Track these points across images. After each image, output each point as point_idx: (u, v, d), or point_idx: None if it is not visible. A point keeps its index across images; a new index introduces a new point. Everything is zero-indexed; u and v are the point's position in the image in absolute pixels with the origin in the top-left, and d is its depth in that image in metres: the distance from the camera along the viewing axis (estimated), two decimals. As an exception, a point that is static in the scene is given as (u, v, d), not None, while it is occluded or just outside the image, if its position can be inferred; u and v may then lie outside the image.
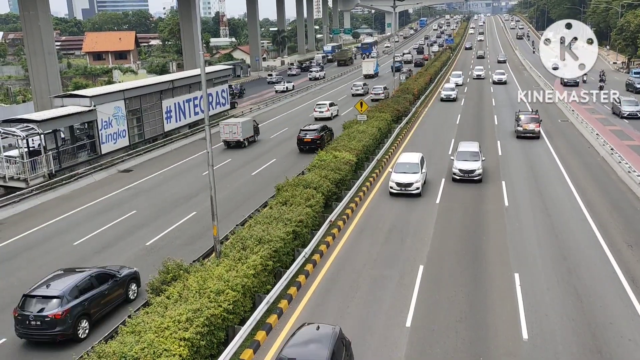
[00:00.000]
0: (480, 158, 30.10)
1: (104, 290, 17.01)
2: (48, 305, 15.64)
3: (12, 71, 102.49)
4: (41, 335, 15.65)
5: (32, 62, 51.02)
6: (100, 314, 16.84)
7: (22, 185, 31.24)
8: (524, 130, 39.49)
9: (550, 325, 15.84)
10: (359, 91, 64.72)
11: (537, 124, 39.57)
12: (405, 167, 27.98)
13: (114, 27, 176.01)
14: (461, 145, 31.53)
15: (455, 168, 29.51)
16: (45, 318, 15.46)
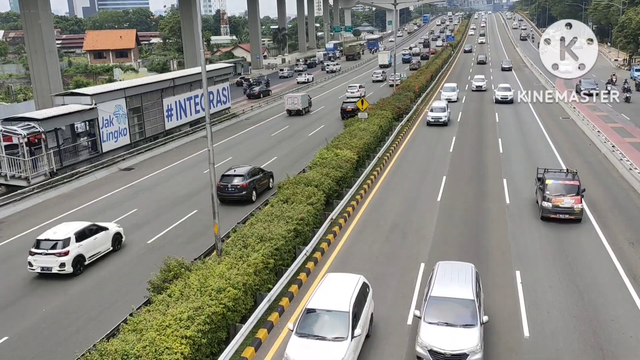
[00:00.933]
0: None
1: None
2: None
3: (13, 69, 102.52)
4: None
5: (32, 61, 51.05)
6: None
7: (24, 183, 31.26)
8: (555, 207, 22.83)
9: (552, 322, 15.84)
10: (379, 78, 76.84)
11: (578, 197, 22.82)
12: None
13: (114, 26, 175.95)
14: None
15: None
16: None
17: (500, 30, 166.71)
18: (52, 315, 17.89)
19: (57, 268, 20.10)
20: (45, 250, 20.15)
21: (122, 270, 21.01)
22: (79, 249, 20.56)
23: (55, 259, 20.02)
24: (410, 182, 29.94)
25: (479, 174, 31.07)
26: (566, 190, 23.14)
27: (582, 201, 22.97)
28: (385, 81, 73.54)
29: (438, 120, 43.94)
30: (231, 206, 27.07)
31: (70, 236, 20.51)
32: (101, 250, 21.84)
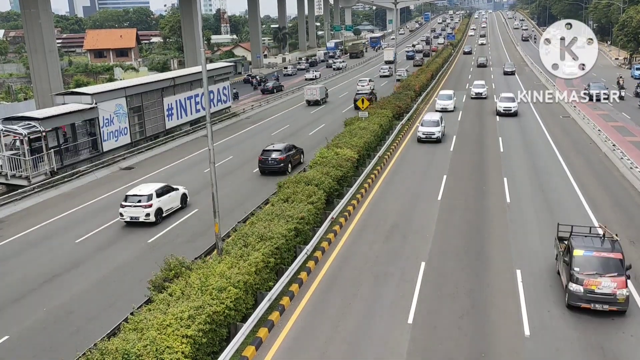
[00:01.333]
0: None
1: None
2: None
3: (13, 69, 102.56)
4: None
5: (33, 60, 51.05)
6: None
7: (24, 183, 31.27)
8: (589, 293, 15.99)
9: (552, 321, 15.84)
10: (386, 73, 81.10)
11: (622, 278, 15.98)
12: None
13: (115, 25, 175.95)
14: None
15: None
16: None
17: (501, 30, 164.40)
18: (52, 315, 17.91)
19: (143, 217, 24.83)
20: (133, 203, 24.89)
21: (122, 270, 21.02)
22: (158, 203, 25.29)
23: (142, 210, 24.79)
24: (410, 181, 29.94)
25: (479, 172, 31.06)
26: (604, 267, 16.22)
27: (627, 284, 15.96)
28: (392, 76, 77.11)
29: (430, 136, 37.98)
30: (270, 176, 31.66)
31: (152, 193, 25.18)
32: (173, 207, 26.50)
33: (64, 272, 21.04)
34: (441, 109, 48.04)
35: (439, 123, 38.85)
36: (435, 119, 39.35)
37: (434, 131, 38.23)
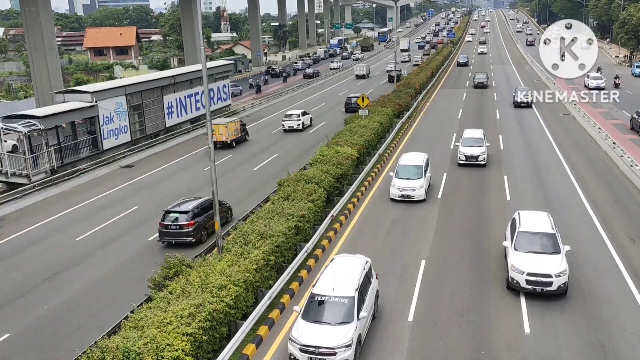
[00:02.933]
0: None
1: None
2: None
3: (13, 67, 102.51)
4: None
5: (33, 58, 51.02)
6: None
7: (25, 181, 31.28)
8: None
9: (552, 319, 15.84)
10: (406, 58, 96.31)
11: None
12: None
13: (114, 23, 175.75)
14: None
15: None
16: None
17: (503, 32, 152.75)
18: (53, 313, 17.93)
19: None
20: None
21: (123, 268, 21.03)
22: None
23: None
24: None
25: (479, 170, 31.03)
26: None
27: None
28: (410, 61, 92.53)
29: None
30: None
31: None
32: None
33: (65, 270, 21.06)
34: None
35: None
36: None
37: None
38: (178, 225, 22.13)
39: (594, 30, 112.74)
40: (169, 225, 22.27)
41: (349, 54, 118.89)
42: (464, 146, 31.63)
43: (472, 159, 31.07)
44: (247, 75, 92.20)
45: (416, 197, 25.61)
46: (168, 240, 22.47)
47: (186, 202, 23.63)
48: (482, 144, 31.76)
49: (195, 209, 22.79)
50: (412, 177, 26.03)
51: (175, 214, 22.51)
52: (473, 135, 32.72)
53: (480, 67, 79.33)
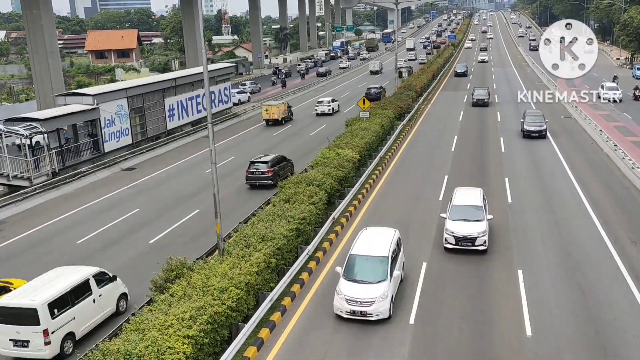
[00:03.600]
0: None
1: None
2: None
3: (15, 70, 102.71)
4: None
5: (34, 61, 51.08)
6: None
7: (26, 183, 31.30)
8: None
9: (554, 321, 15.82)
10: (412, 57, 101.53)
11: None
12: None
13: (116, 26, 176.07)
14: None
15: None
16: None
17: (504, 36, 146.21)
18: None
19: None
20: None
21: (124, 270, 21.01)
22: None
23: None
24: (412, 181, 29.93)
25: (480, 173, 31.04)
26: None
27: None
28: (416, 59, 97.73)
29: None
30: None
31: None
32: None
33: (66, 273, 21.03)
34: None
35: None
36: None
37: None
38: (260, 171, 29.50)
39: (595, 33, 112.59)
40: (254, 171, 29.70)
41: (355, 55, 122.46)
42: (454, 220, 20.44)
43: (466, 243, 20.21)
44: (248, 77, 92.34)
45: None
46: (252, 183, 29.99)
47: (264, 156, 31.32)
48: (482, 215, 20.41)
49: (272, 160, 30.28)
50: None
51: (258, 163, 29.89)
52: (467, 201, 21.24)
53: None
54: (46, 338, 14.70)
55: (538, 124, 38.48)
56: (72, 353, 15.35)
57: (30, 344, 14.78)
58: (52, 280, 15.93)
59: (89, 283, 16.42)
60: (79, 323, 15.82)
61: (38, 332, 14.66)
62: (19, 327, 14.74)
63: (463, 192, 22.49)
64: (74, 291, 15.79)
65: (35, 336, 14.69)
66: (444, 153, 35.47)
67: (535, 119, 38.94)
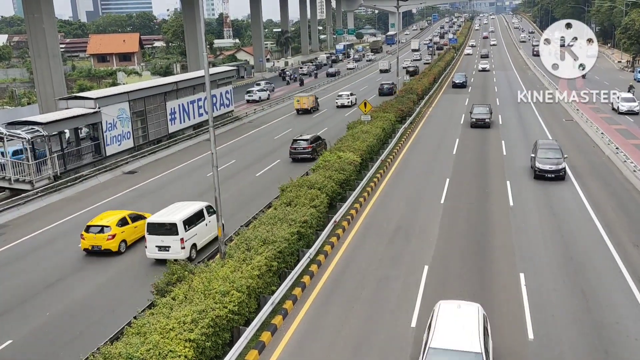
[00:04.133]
0: None
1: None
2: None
3: (16, 74, 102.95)
4: None
5: (36, 65, 51.27)
6: None
7: (28, 187, 31.33)
8: None
9: (556, 325, 15.78)
10: (417, 57, 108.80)
11: None
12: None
13: (118, 29, 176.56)
14: None
15: None
16: None
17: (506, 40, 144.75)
18: (55, 319, 17.92)
19: None
20: None
21: (126, 274, 21.04)
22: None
23: None
24: (413, 185, 29.92)
25: (482, 176, 31.02)
26: None
27: None
28: (421, 59, 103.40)
29: None
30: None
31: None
32: None
33: (67, 276, 21.06)
34: None
35: None
36: None
37: None
38: (302, 147, 36.20)
39: (596, 36, 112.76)
40: (296, 147, 36.42)
41: (360, 57, 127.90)
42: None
43: None
44: (251, 81, 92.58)
45: None
46: (295, 157, 36.39)
47: (304, 135, 38.42)
48: (478, 346, 12.49)
49: (310, 138, 36.95)
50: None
51: (300, 141, 36.61)
52: (455, 341, 12.72)
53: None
54: (182, 244, 20.79)
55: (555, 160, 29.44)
56: (195, 258, 21.18)
57: (171, 249, 20.83)
58: (178, 209, 22.06)
59: (203, 212, 22.49)
60: (199, 238, 21.96)
61: (177, 240, 20.69)
62: (163, 237, 20.86)
63: (448, 317, 13.60)
64: (196, 215, 21.93)
65: (175, 243, 20.73)
66: (446, 155, 35.43)
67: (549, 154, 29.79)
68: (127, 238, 23.06)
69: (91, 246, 22.45)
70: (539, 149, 30.44)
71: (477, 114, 44.08)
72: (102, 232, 22.47)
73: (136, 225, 23.35)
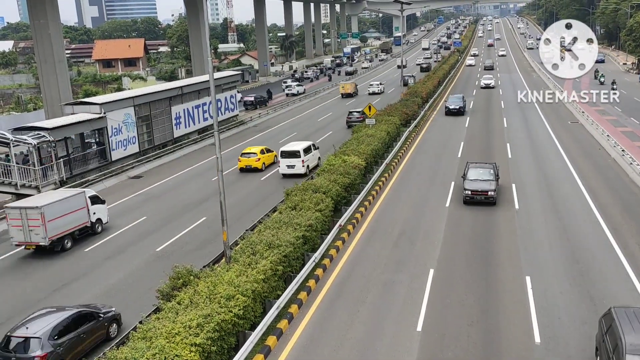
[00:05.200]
0: None
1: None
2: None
3: (23, 79, 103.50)
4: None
5: (42, 70, 51.52)
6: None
7: (34, 192, 31.42)
8: None
9: (563, 329, 15.70)
10: (428, 55, 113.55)
11: None
12: None
13: (123, 35, 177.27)
14: None
15: None
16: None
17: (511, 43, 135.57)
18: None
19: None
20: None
21: (131, 278, 21.09)
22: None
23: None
24: (418, 188, 29.87)
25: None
26: None
27: None
28: (432, 58, 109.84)
29: None
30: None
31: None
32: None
33: (73, 281, 21.13)
34: None
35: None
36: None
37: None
38: (356, 117, 47.63)
39: (601, 38, 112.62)
40: (351, 117, 48.43)
41: (372, 57, 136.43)
42: None
43: None
44: (255, 85, 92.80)
45: None
46: (350, 124, 47.15)
47: (355, 109, 50.26)
48: None
49: (360, 110, 47.17)
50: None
51: (354, 112, 48.80)
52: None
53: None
54: (302, 164, 33.21)
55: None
56: (308, 174, 32.69)
57: (295, 167, 33.19)
58: (297, 144, 35.19)
59: (311, 147, 34.88)
60: (311, 162, 34.39)
61: (299, 161, 33.20)
62: (291, 160, 33.34)
63: None
64: (309, 148, 34.54)
65: (298, 163, 33.21)
66: (450, 158, 35.36)
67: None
68: (266, 162, 36.28)
69: (245, 165, 35.64)
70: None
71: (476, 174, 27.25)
72: (251, 156, 35.74)
73: (269, 155, 36.97)
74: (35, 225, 22.69)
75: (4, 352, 14.53)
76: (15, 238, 23.33)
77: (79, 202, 24.69)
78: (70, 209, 24.04)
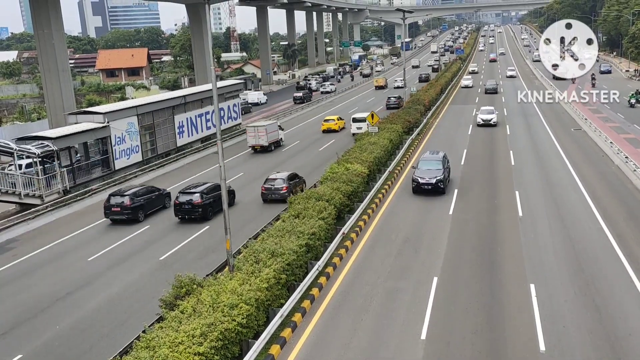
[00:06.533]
0: None
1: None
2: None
3: (26, 89, 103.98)
4: None
5: (46, 80, 51.83)
6: None
7: (38, 202, 31.52)
8: None
9: (568, 337, 15.60)
10: (437, 58, 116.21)
11: None
12: None
13: (126, 44, 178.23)
14: None
15: None
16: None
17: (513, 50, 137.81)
18: (65, 333, 17.94)
19: None
20: None
21: (134, 287, 21.06)
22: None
23: None
24: (421, 196, 29.80)
25: (491, 186, 30.89)
26: None
27: None
28: (440, 61, 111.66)
29: None
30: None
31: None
32: None
33: (76, 290, 21.12)
34: None
35: None
36: None
37: None
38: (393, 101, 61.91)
39: (603, 45, 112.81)
40: (390, 101, 62.18)
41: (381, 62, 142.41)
42: None
43: None
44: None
45: None
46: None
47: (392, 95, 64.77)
48: None
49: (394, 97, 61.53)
50: None
51: (392, 98, 62.66)
52: None
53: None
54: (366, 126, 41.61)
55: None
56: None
57: (362, 129, 44.30)
58: (361, 113, 48.71)
59: (366, 119, 42.13)
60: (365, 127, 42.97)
61: (365, 124, 42.88)
62: (359, 124, 47.08)
63: None
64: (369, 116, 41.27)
65: (364, 125, 44.20)
66: (453, 167, 35.29)
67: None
68: (340, 125, 51.51)
69: (327, 128, 50.57)
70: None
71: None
72: (330, 122, 51.09)
73: (338, 121, 51.42)
74: (262, 134, 43.96)
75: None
76: (250, 142, 44.83)
77: (276, 127, 46.76)
78: (274, 129, 45.86)
